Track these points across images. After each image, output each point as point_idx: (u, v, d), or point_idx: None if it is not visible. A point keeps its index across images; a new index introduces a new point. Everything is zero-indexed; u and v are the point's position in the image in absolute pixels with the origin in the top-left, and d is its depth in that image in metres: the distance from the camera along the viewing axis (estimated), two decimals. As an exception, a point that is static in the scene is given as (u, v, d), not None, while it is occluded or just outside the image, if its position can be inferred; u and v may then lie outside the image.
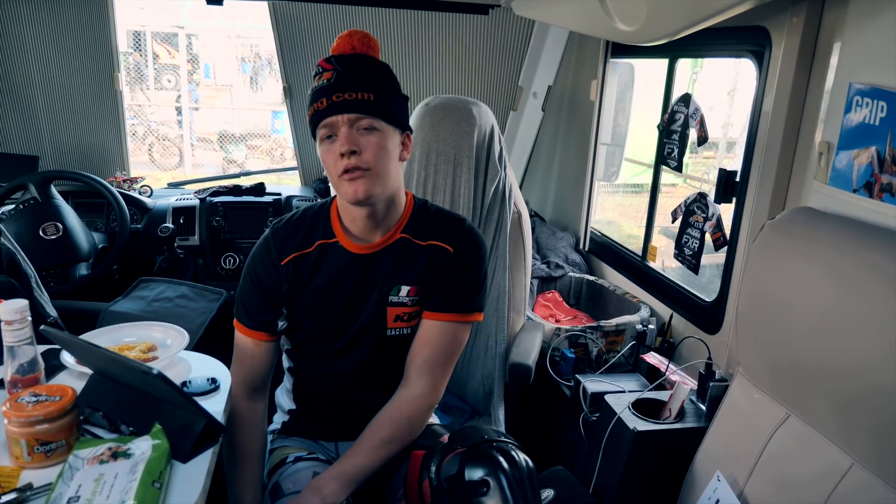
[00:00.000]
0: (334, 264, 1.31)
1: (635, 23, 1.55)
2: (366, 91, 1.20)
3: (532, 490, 1.13)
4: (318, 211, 1.36)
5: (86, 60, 2.69)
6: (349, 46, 1.25)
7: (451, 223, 1.35)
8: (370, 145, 1.20)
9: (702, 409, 1.64)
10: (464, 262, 1.32)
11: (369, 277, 1.31)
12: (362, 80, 1.22)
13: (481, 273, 1.35)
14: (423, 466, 1.20)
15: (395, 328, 1.33)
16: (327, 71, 1.23)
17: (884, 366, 1.08)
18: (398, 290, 1.31)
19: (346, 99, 1.19)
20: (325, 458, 1.40)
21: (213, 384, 1.23)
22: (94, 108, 2.78)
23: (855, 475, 1.15)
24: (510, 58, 2.86)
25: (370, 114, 1.20)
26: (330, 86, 1.20)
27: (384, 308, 1.31)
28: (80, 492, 0.89)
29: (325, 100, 1.20)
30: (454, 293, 1.32)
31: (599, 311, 2.42)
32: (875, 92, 1.25)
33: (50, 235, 2.30)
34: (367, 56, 1.25)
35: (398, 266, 1.31)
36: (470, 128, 1.89)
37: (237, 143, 8.63)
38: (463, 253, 1.32)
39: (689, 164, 2.31)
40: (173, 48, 8.96)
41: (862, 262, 1.15)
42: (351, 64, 1.23)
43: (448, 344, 1.33)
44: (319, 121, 1.22)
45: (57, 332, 1.12)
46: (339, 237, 1.31)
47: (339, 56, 1.24)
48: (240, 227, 2.58)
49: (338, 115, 1.20)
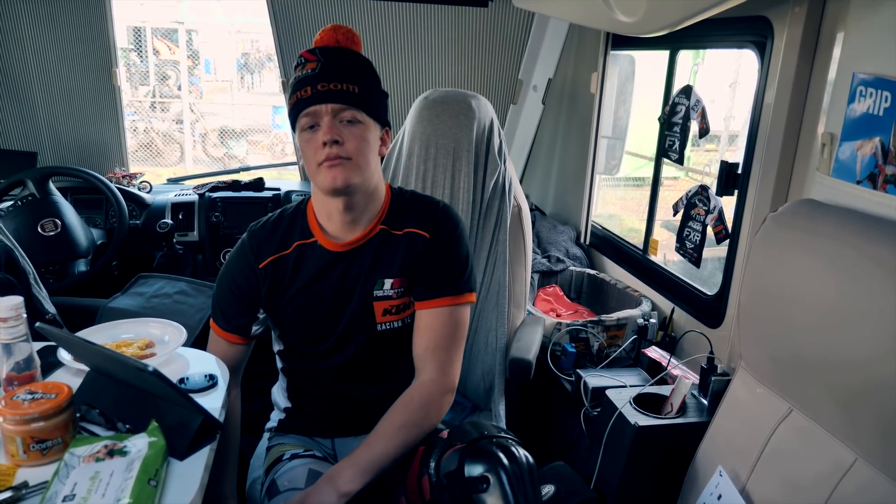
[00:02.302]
0: (314, 264, 1.30)
1: (636, 14, 1.53)
2: (350, 83, 1.20)
3: (532, 486, 1.12)
4: (295, 211, 1.35)
5: (84, 56, 2.68)
6: (333, 40, 1.25)
7: (424, 208, 1.34)
8: (352, 136, 1.20)
9: (704, 404, 1.63)
10: (440, 244, 1.31)
11: (351, 274, 1.30)
12: (347, 72, 1.22)
13: (462, 252, 1.33)
14: (422, 462, 1.20)
15: (384, 322, 1.32)
16: (311, 62, 1.22)
17: (887, 359, 1.07)
18: (381, 284, 1.30)
19: (331, 89, 1.19)
20: (321, 456, 1.39)
21: (211, 381, 1.22)
22: (93, 104, 2.77)
23: (859, 470, 1.14)
24: (510, 51, 2.84)
25: (354, 105, 1.21)
26: (315, 75, 1.20)
27: (370, 304, 1.30)
28: (75, 490, 0.88)
29: (310, 88, 1.20)
30: (437, 277, 1.31)
31: (600, 305, 2.41)
32: (879, 82, 1.24)
33: (48, 232, 2.29)
34: (350, 50, 1.25)
35: (378, 259, 1.30)
36: (469, 121, 1.88)
37: (238, 138, 8.63)
38: (438, 236, 1.31)
39: (690, 157, 2.30)
40: (173, 44, 8.95)
41: (865, 254, 1.14)
42: (335, 56, 1.23)
43: (446, 328, 1.31)
44: (302, 109, 1.21)
45: (53, 330, 1.11)
46: (317, 236, 1.30)
47: (324, 48, 1.24)
48: (239, 222, 2.57)
49: (322, 104, 1.19)
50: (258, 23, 8.07)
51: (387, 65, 2.77)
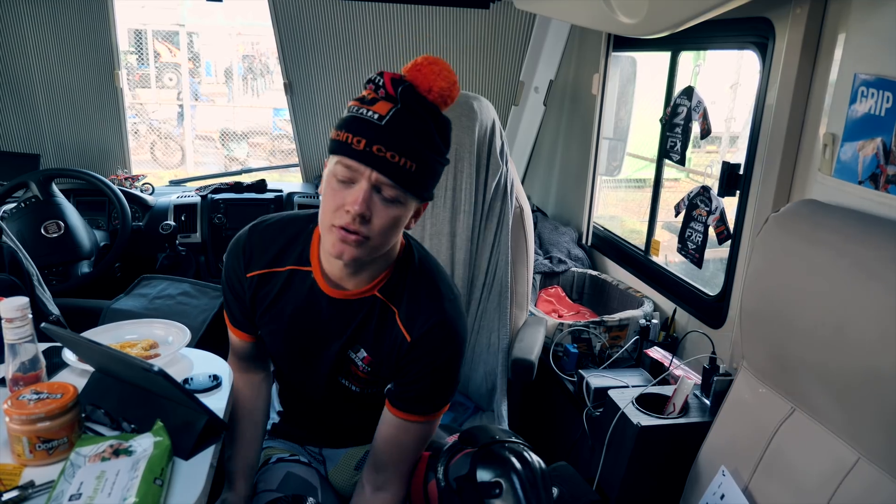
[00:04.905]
0: (302, 297, 1.19)
1: (637, 15, 1.54)
2: (412, 159, 1.01)
3: (545, 491, 1.11)
4: (302, 227, 1.21)
5: (86, 58, 2.69)
6: (427, 86, 1.04)
7: (423, 302, 1.15)
8: (384, 216, 1.03)
9: (706, 404, 1.64)
10: (424, 363, 1.14)
11: (336, 325, 1.19)
12: (415, 141, 1.02)
13: (449, 374, 1.16)
14: (429, 467, 1.19)
15: (347, 380, 1.24)
16: (385, 100, 1.02)
17: (889, 359, 1.07)
18: (357, 349, 1.20)
19: (387, 159, 1.00)
20: (305, 461, 1.38)
21: (215, 381, 1.22)
22: (95, 106, 2.79)
23: (861, 470, 1.14)
24: (511, 52, 2.85)
25: (403, 186, 1.02)
26: (378, 128, 1.00)
27: (344, 357, 1.21)
28: (81, 489, 0.89)
29: (365, 142, 1.00)
30: (414, 395, 1.16)
31: (602, 306, 2.41)
32: (881, 82, 1.24)
33: (52, 233, 2.30)
34: (437, 109, 1.06)
35: (362, 325, 1.17)
36: (471, 122, 1.88)
37: (239, 140, 8.63)
38: (423, 350, 1.13)
39: (691, 159, 2.30)
40: (174, 46, 8.96)
41: (867, 254, 1.14)
42: (416, 110, 1.02)
43: (414, 441, 1.21)
44: (344, 154, 1.02)
45: (58, 330, 1.11)
46: (315, 271, 1.17)
47: (408, 90, 1.02)
48: (241, 223, 2.49)
49: (369, 168, 1.00)
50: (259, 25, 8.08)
51: (388, 67, 2.77)
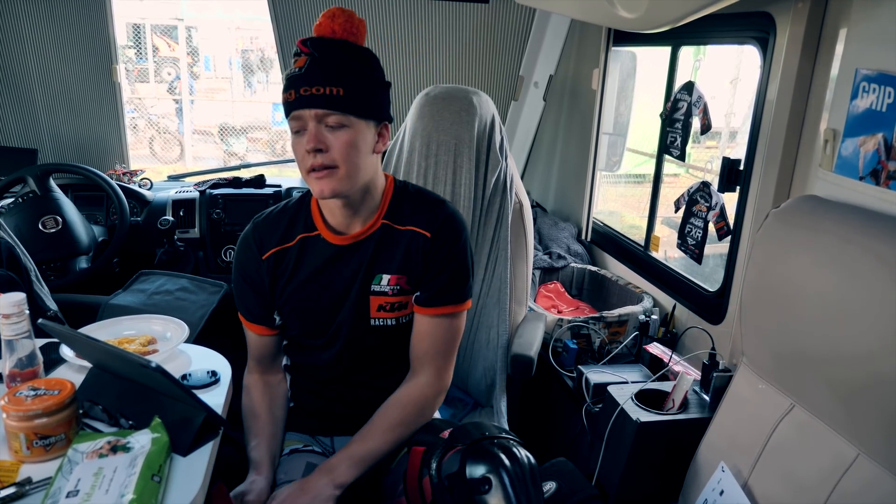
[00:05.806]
0: (317, 257, 1.30)
1: (637, 10, 1.53)
2: (335, 85, 1.15)
3: (534, 487, 1.12)
4: (299, 204, 1.34)
5: (84, 52, 2.67)
6: (329, 30, 1.19)
7: (428, 206, 1.31)
8: (338, 143, 1.16)
9: (705, 400, 1.64)
10: (445, 252, 1.28)
11: (352, 268, 1.29)
12: (334, 72, 1.16)
13: (466, 260, 1.32)
14: (423, 463, 1.19)
15: (378, 318, 1.32)
16: (302, 55, 1.17)
17: (889, 355, 1.07)
18: (379, 279, 1.29)
19: (314, 94, 1.15)
20: (320, 451, 1.40)
21: (214, 377, 1.22)
22: (93, 101, 2.77)
23: (861, 465, 1.14)
24: (511, 47, 2.84)
25: (339, 109, 1.16)
26: (300, 76, 1.16)
27: (367, 297, 1.30)
28: (79, 486, 0.88)
29: (294, 91, 1.16)
30: (441, 286, 1.29)
31: (602, 301, 2.41)
32: (882, 77, 1.24)
33: (49, 229, 2.29)
34: (346, 43, 1.19)
35: (378, 254, 1.29)
36: (470, 117, 1.88)
37: (238, 135, 8.62)
38: (442, 240, 1.28)
39: (691, 154, 2.29)
40: (173, 41, 8.94)
41: (868, 250, 1.14)
42: (326, 51, 1.17)
43: (445, 334, 1.32)
44: (289, 113, 1.18)
45: (55, 326, 1.11)
46: (321, 229, 1.30)
47: (318, 40, 1.18)
48: (240, 219, 2.57)
49: (305, 109, 1.16)
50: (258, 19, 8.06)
51: (388, 61, 2.77)
